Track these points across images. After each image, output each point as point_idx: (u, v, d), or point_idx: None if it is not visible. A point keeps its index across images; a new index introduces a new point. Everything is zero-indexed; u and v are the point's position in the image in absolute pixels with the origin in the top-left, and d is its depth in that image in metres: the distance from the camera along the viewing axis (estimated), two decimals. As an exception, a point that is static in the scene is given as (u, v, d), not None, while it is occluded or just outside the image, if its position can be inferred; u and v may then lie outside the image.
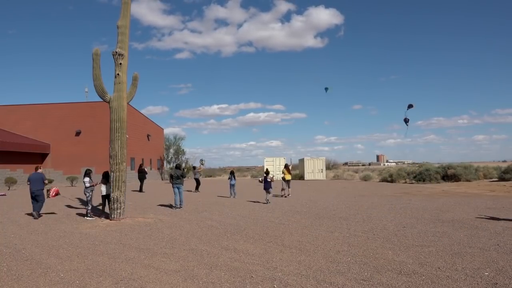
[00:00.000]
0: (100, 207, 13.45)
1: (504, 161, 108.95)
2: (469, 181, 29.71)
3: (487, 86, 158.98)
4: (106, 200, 12.65)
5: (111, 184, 11.92)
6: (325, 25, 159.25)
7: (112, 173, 11.93)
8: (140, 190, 23.68)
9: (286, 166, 20.40)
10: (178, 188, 14.99)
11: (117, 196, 11.80)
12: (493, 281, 5.36)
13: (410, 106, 15.23)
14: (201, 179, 25.93)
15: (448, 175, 30.32)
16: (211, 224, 10.90)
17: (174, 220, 11.83)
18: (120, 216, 11.81)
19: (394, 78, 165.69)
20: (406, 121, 15.46)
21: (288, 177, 19.75)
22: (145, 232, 9.84)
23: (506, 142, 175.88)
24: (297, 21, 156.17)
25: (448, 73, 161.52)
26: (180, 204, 14.88)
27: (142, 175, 24.53)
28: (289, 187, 19.87)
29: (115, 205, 11.79)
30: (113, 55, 12.28)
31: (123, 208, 11.98)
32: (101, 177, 12.90)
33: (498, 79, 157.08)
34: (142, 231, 9.91)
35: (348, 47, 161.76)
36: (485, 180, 30.61)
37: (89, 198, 12.62)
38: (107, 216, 12.12)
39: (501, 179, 29.09)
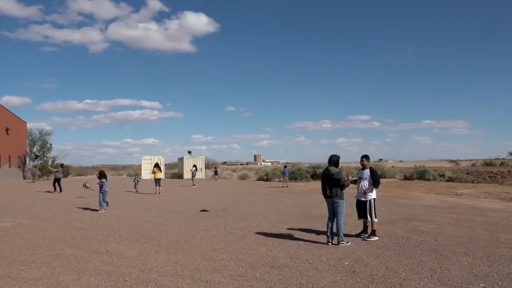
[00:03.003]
0: None
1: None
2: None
3: (341, 96, 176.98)
4: None
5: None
6: (201, 31, 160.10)
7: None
8: None
9: (156, 165, 21.14)
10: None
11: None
12: (352, 269, 5.98)
13: None
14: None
15: (317, 174, 32.96)
16: (80, 227, 10.12)
17: (37, 223, 10.70)
18: (-32, 220, 10.28)
19: (266, 80, 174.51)
20: None
21: (158, 175, 20.74)
22: (0, 238, 8.70)
23: (363, 144, 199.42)
24: (173, 25, 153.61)
25: (313, 83, 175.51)
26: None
27: None
28: (159, 185, 20.68)
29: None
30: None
31: (-27, 212, 10.46)
32: None
33: (351, 90, 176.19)
34: (-3, 237, 8.75)
35: (220, 52, 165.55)
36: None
37: None
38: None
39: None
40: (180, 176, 43.85)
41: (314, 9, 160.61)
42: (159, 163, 22.16)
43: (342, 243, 7.62)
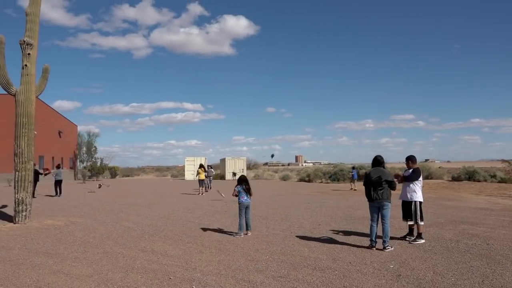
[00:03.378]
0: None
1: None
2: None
3: (383, 96, 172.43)
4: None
5: (16, 184, 10.96)
6: (241, 34, 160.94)
7: (17, 173, 10.97)
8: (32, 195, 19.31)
9: (201, 166, 21.36)
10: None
11: (22, 198, 10.87)
12: (397, 273, 5.82)
13: None
14: (108, 180, 24.36)
15: (360, 175, 32.28)
16: (127, 226, 10.48)
17: (87, 222, 11.19)
18: (25, 219, 10.89)
19: (306, 81, 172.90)
20: None
21: (202, 176, 21.17)
22: (54, 235, 9.18)
23: (407, 144, 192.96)
24: (214, 28, 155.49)
25: (352, 83, 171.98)
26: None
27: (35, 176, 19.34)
28: (202, 186, 21.21)
29: (20, 207, 10.84)
30: (20, 44, 11.29)
31: (29, 211, 11.07)
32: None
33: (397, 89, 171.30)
34: (51, 235, 9.23)
35: (260, 54, 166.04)
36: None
37: None
38: (11, 220, 11.12)
39: (405, 179, 31.70)
40: (222, 177, 44.40)
41: (353, 8, 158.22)
42: (203, 164, 22.52)
43: (388, 248, 7.29)
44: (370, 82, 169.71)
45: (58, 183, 20.33)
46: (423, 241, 7.97)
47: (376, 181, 7.48)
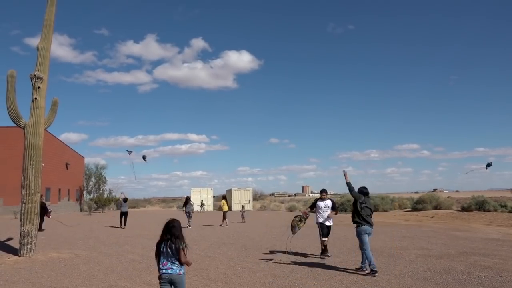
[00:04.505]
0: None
1: (416, 192, 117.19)
2: (386, 211, 31.54)
3: (386, 126, 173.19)
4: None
5: (22, 216, 10.94)
6: (244, 68, 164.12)
7: (23, 205, 10.97)
8: (39, 228, 16.21)
9: (224, 197, 22.46)
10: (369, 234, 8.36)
11: (28, 230, 10.82)
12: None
13: (488, 164, 16.72)
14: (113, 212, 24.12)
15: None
16: (132, 258, 10.36)
17: (92, 255, 11.08)
18: (30, 252, 10.81)
19: (308, 111, 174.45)
20: (489, 165, 16.82)
21: (226, 208, 21.63)
22: (58, 269, 9.08)
23: (413, 174, 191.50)
24: (217, 63, 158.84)
25: (351, 115, 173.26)
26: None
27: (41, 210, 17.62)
28: (226, 218, 21.19)
29: (26, 240, 10.78)
30: (31, 78, 11.56)
31: (35, 243, 11.00)
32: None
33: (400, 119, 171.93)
34: (56, 268, 9.14)
35: (263, 86, 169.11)
36: (400, 210, 32.68)
37: None
38: (16, 253, 11.04)
39: (414, 209, 31.27)
40: (228, 208, 44.13)
41: (355, 37, 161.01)
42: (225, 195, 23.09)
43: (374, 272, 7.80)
44: (373, 112, 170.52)
45: (123, 214, 20.54)
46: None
47: (370, 208, 8.35)
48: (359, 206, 8.16)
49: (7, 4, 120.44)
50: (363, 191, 8.47)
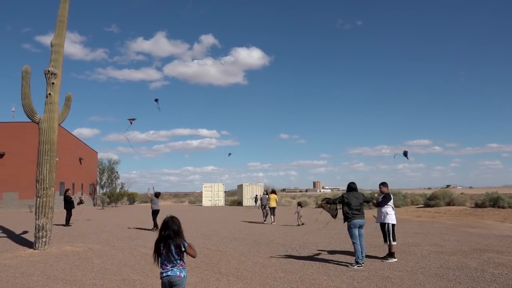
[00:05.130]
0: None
1: (429, 188, 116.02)
2: (398, 207, 31.29)
3: (397, 121, 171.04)
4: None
5: (37, 210, 11.13)
6: (254, 64, 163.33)
7: (38, 199, 11.16)
8: (66, 223, 18.32)
9: (273, 191, 20.26)
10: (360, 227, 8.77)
11: (43, 224, 11.01)
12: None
13: (405, 153, 16.81)
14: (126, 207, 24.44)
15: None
16: (145, 252, 10.47)
17: (105, 248, 11.22)
18: (45, 245, 10.99)
19: (319, 107, 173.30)
20: (405, 153, 16.88)
21: (273, 203, 19.60)
22: (72, 262, 9.22)
23: (425, 170, 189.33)
24: (227, 60, 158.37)
25: (363, 109, 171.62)
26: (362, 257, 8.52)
27: (68, 204, 19.07)
28: (274, 214, 19.55)
29: (40, 233, 10.97)
30: (45, 74, 11.70)
31: (49, 237, 11.19)
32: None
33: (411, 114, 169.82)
34: (70, 261, 9.28)
35: (272, 81, 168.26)
36: (412, 206, 32.43)
37: None
38: (31, 246, 11.24)
39: (427, 205, 31.00)
40: (239, 203, 44.21)
41: (366, 33, 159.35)
42: (267, 191, 20.83)
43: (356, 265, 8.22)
44: (383, 107, 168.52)
45: (155, 213, 16.14)
46: (394, 260, 8.88)
47: (359, 200, 8.76)
48: (345, 202, 8.66)
49: (19, 2, 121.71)
50: (352, 187, 8.91)
